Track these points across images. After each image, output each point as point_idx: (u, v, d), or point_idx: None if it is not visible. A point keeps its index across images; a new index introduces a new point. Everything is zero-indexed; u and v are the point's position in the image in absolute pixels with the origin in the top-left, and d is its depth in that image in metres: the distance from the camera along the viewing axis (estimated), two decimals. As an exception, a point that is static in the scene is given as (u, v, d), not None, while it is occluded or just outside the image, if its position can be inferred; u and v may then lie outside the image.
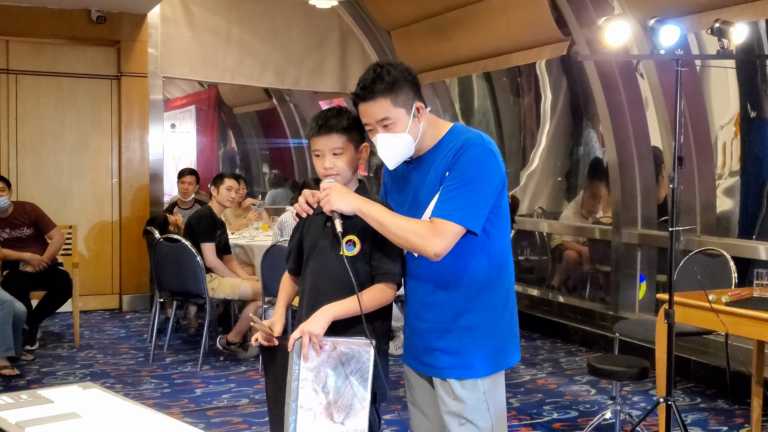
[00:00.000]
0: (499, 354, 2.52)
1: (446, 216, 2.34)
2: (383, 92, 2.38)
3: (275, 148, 13.45)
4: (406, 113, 2.41)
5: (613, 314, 6.46)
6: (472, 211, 2.36)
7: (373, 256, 2.53)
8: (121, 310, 7.77)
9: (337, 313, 2.46)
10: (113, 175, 7.80)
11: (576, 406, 4.88)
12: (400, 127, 2.41)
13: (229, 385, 5.27)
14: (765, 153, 5.97)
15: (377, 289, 2.52)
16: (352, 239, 2.57)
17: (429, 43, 7.73)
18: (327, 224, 2.60)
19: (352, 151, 2.57)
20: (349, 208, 2.42)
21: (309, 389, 2.42)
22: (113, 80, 7.76)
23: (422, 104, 2.44)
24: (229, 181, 6.04)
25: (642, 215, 6.41)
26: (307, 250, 2.65)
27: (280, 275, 5.47)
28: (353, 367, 2.45)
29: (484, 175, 2.38)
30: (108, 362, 5.83)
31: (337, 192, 2.43)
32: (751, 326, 3.57)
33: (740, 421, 4.60)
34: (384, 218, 2.40)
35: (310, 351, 2.40)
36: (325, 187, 2.46)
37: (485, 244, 2.45)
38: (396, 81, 2.38)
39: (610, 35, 3.63)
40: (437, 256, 2.35)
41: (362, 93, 2.41)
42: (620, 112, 6.29)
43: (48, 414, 1.98)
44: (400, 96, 2.39)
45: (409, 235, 2.35)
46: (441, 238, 2.33)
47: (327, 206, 2.44)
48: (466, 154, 2.38)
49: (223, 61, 8.10)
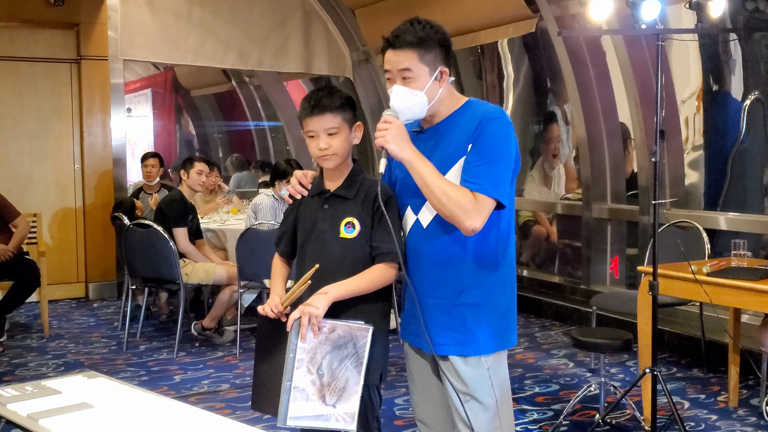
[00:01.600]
0: (503, 332, 2.51)
1: (483, 190, 2.31)
2: (412, 44, 2.34)
3: (235, 130, 13.30)
4: (428, 72, 2.37)
5: (585, 288, 6.54)
6: (504, 185, 2.35)
7: (372, 236, 2.51)
8: (87, 299, 7.63)
9: (339, 293, 2.43)
10: (75, 161, 7.63)
11: (556, 379, 4.94)
12: (418, 83, 2.36)
13: (208, 370, 5.22)
14: (728, 126, 6.06)
15: (378, 269, 2.49)
16: (351, 221, 2.54)
17: (395, 21, 7.46)
18: (325, 206, 2.57)
19: (346, 130, 2.53)
20: (402, 155, 2.33)
21: (303, 370, 2.40)
22: (73, 64, 7.58)
23: (447, 70, 2.41)
24: (200, 165, 5.95)
25: (611, 190, 6.49)
26: (304, 233, 2.61)
27: (257, 259, 5.53)
28: (349, 350, 2.43)
29: (508, 150, 2.38)
30: (80, 351, 5.73)
31: (396, 131, 2.33)
32: (732, 295, 3.65)
33: (716, 389, 4.70)
34: (432, 179, 2.32)
35: (308, 332, 2.38)
36: (389, 120, 2.34)
37: (495, 220, 2.43)
38: (428, 38, 2.35)
39: (594, 10, 3.64)
40: (473, 232, 2.32)
41: (392, 39, 2.37)
42: (589, 89, 6.34)
43: (58, 405, 1.92)
44: (427, 54, 2.36)
45: (452, 204, 2.30)
46: (480, 214, 2.31)
47: (381, 141, 2.33)
48: (490, 127, 2.35)
49: (184, 42, 7.95)
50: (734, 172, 5.99)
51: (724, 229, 5.63)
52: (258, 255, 5.49)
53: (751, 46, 5.68)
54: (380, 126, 2.34)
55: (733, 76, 6.01)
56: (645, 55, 5.80)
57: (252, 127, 12.22)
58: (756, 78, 5.77)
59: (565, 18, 6.17)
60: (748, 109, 5.85)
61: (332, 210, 2.55)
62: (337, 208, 2.55)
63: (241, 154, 11.67)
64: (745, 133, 5.88)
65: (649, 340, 3.97)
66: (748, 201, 5.92)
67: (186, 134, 14.43)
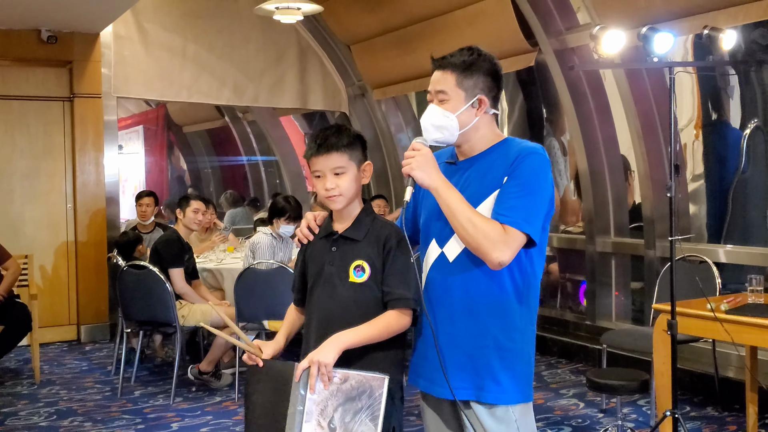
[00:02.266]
0: (526, 381, 2.37)
1: (514, 224, 2.22)
2: (454, 66, 2.32)
3: (228, 166, 13.20)
4: (465, 97, 2.32)
5: (590, 324, 6.41)
6: (537, 221, 2.26)
7: (384, 280, 2.38)
8: (79, 342, 7.44)
9: (350, 341, 2.30)
10: (68, 200, 7.49)
11: (568, 421, 4.78)
12: (451, 107, 2.32)
13: (206, 417, 5.04)
14: (727, 156, 5.99)
15: (391, 316, 2.36)
16: (360, 264, 2.41)
17: (392, 56, 7.63)
18: (333, 249, 2.44)
19: (354, 170, 2.42)
20: (428, 182, 2.27)
21: (314, 424, 2.26)
22: (65, 102, 7.47)
23: (487, 100, 2.34)
24: (196, 203, 5.82)
25: (614, 223, 6.39)
26: (312, 277, 2.48)
27: (255, 299, 5.39)
28: (364, 402, 2.27)
29: (544, 187, 2.30)
30: (73, 398, 5.54)
31: (423, 158, 2.27)
32: (753, 333, 3.52)
33: (733, 428, 4.56)
34: (459, 208, 2.24)
35: (317, 383, 2.24)
36: (417, 148, 2.29)
37: (523, 262, 2.32)
38: (472, 64, 2.31)
39: (607, 44, 3.57)
40: (501, 265, 2.22)
41: (437, 60, 2.36)
42: (589, 121, 6.26)
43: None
44: (468, 79, 2.31)
45: (479, 235, 2.21)
46: (509, 247, 2.21)
47: (407, 168, 2.28)
48: (528, 161, 2.28)
49: (179, 78, 7.87)
50: (736, 204, 5.91)
51: (726, 262, 5.53)
52: (257, 295, 5.36)
53: (748, 74, 5.63)
54: (408, 153, 2.30)
55: (731, 104, 5.96)
56: (646, 86, 5.74)
57: (245, 162, 12.13)
58: (754, 106, 5.72)
59: (565, 51, 6.12)
60: (747, 138, 5.78)
61: (340, 252, 2.43)
62: (346, 250, 2.43)
63: (233, 189, 11.56)
64: (745, 162, 5.81)
65: (666, 380, 3.85)
66: (751, 233, 5.84)
67: (178, 170, 14.34)
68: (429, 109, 2.36)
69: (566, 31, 6.09)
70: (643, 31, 3.31)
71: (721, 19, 4.75)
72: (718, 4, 4.82)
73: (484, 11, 6.40)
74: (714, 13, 4.85)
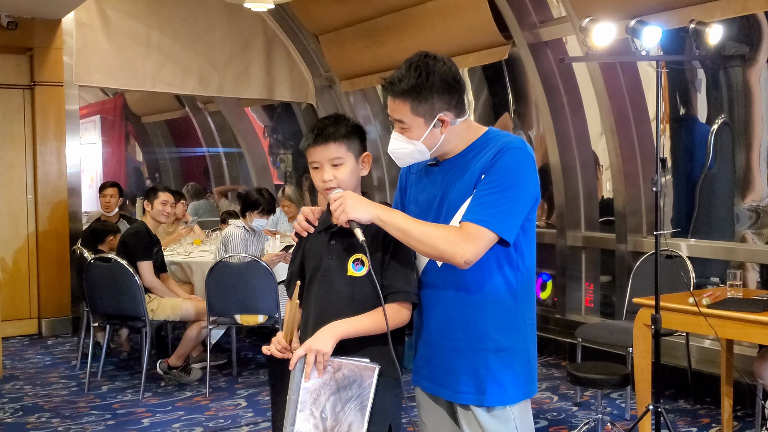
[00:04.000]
0: (527, 378, 2.35)
1: (479, 221, 2.16)
2: (405, 95, 2.20)
3: (187, 157, 13.00)
4: (424, 123, 2.23)
5: (561, 317, 6.44)
6: (508, 219, 2.18)
7: (384, 274, 2.33)
8: (41, 336, 7.25)
9: (347, 331, 2.25)
10: (28, 191, 7.28)
11: (543, 414, 4.79)
12: (414, 134, 2.24)
13: (178, 412, 4.94)
14: (695, 151, 6.06)
15: (390, 308, 2.30)
16: (359, 258, 2.36)
17: (361, 48, 7.56)
18: (332, 242, 2.39)
19: (352, 161, 2.37)
20: (367, 217, 2.21)
21: (306, 413, 2.22)
22: (26, 90, 7.25)
23: (450, 116, 2.24)
24: (164, 195, 5.70)
25: (585, 218, 6.42)
26: (310, 271, 2.42)
27: (227, 293, 5.29)
28: (354, 392, 2.24)
29: (522, 183, 2.21)
30: (38, 394, 5.39)
31: (352, 200, 2.23)
32: (736, 328, 3.56)
33: (706, 421, 4.62)
34: (407, 225, 2.20)
35: (313, 371, 2.19)
36: (337, 197, 2.25)
37: (514, 260, 2.28)
38: (422, 86, 2.18)
39: (597, 36, 3.55)
40: (467, 264, 2.16)
41: (387, 86, 2.24)
42: (562, 116, 6.27)
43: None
44: (422, 104, 2.20)
45: (436, 242, 2.16)
46: (472, 244, 2.15)
47: (343, 216, 2.22)
48: (506, 157, 2.20)
49: (142, 67, 7.69)
50: (702, 199, 5.97)
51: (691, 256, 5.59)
52: (228, 289, 5.27)
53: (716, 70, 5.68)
54: (333, 206, 2.24)
55: (698, 100, 6.02)
56: (620, 81, 5.76)
57: (206, 153, 11.95)
58: (721, 102, 5.78)
59: (539, 45, 6.12)
60: (714, 134, 5.85)
61: (339, 246, 2.37)
62: (345, 244, 2.37)
63: (194, 181, 11.37)
64: (712, 158, 5.87)
65: (646, 375, 3.88)
66: (717, 227, 5.91)
67: (135, 162, 14.08)
68: (393, 139, 2.29)
69: (540, 24, 6.09)
70: (631, 24, 3.30)
71: (696, 14, 4.78)
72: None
73: (457, 3, 6.36)
74: (689, 9, 4.89)
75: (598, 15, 4.75)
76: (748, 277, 5.42)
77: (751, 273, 5.46)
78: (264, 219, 5.60)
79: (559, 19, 6.01)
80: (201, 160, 12.30)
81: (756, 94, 5.44)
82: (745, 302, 3.68)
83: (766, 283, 5.34)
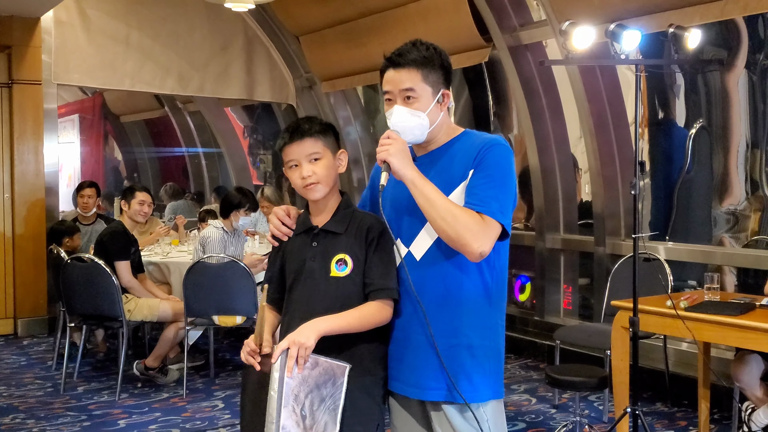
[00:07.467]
0: (496, 379, 2.33)
1: (491, 214, 2.17)
2: (416, 63, 2.25)
3: (166, 157, 12.92)
4: (432, 93, 2.26)
5: (539, 319, 6.46)
6: (509, 212, 2.22)
7: (366, 272, 2.32)
8: (16, 336, 7.17)
9: (329, 327, 2.22)
10: (5, 190, 7.20)
11: (521, 416, 4.79)
12: (421, 105, 2.25)
13: (154, 414, 4.90)
14: (673, 155, 6.10)
15: (373, 306, 2.29)
16: (342, 258, 2.35)
17: (341, 49, 7.55)
18: (313, 243, 2.37)
19: (330, 156, 2.37)
20: (404, 171, 2.19)
21: (290, 409, 2.20)
22: (3, 88, 7.18)
23: (449, 93, 2.31)
24: (142, 195, 5.68)
25: (564, 220, 6.44)
26: (292, 274, 2.40)
27: (205, 294, 5.24)
28: (328, 390, 2.22)
29: (511, 178, 2.26)
30: (13, 394, 5.33)
31: (400, 149, 2.21)
32: (714, 331, 3.57)
33: (683, 424, 4.64)
34: (436, 198, 2.18)
35: (294, 366, 2.16)
36: (391, 136, 2.22)
37: (491, 258, 2.27)
38: (431, 58, 2.26)
39: (577, 39, 3.56)
40: (481, 256, 2.18)
41: (395, 58, 2.26)
42: (541, 118, 6.30)
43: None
44: (431, 74, 2.26)
45: (459, 226, 2.15)
46: (488, 238, 2.17)
47: (383, 155, 2.20)
48: (494, 152, 2.23)
49: (122, 66, 7.63)
50: (680, 202, 6.01)
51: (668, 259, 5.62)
52: (206, 290, 5.23)
53: (695, 75, 5.73)
54: (383, 141, 2.22)
55: (677, 104, 6.06)
56: (600, 85, 5.79)
57: (185, 153, 11.89)
58: (699, 107, 5.82)
59: (519, 48, 6.14)
60: (693, 138, 5.89)
61: (322, 247, 2.36)
62: (327, 244, 2.36)
63: (172, 181, 11.30)
64: (690, 162, 5.91)
65: (624, 377, 3.89)
66: (694, 231, 5.95)
67: (114, 161, 13.98)
68: (397, 111, 2.25)
69: (520, 27, 6.11)
70: (611, 27, 3.32)
71: (675, 18, 4.81)
72: (675, 3, 4.88)
73: (437, 6, 6.37)
74: (669, 13, 4.92)
75: (577, 18, 4.78)
76: (725, 280, 5.48)
77: (729, 276, 5.50)
78: (248, 217, 5.60)
79: (539, 22, 6.03)
80: (180, 160, 12.24)
81: (734, 98, 5.49)
82: (722, 305, 3.70)
83: (743, 287, 5.38)
